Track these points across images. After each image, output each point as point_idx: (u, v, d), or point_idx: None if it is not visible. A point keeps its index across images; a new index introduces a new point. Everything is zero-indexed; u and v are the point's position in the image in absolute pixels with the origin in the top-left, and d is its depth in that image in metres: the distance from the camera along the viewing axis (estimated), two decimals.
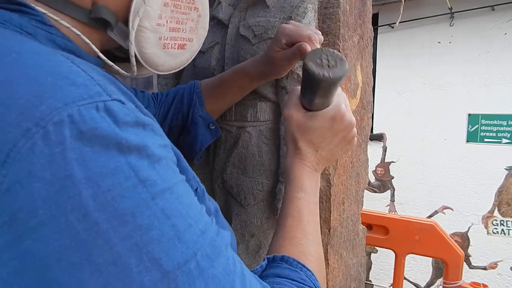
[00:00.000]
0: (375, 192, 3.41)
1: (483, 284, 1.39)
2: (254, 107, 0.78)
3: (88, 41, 0.39)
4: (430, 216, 3.15)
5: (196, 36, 0.50)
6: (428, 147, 3.16)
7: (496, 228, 2.94)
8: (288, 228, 0.50)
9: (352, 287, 0.91)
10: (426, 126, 3.16)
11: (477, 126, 2.99)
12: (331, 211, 0.77)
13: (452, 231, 3.05)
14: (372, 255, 3.33)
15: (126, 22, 0.42)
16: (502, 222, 2.91)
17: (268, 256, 0.45)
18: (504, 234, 2.91)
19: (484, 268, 2.98)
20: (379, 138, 3.36)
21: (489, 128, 2.95)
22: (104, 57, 0.42)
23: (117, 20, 0.42)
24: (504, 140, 2.91)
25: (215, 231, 0.33)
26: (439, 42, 3.10)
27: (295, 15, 0.72)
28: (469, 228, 3.03)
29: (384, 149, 3.36)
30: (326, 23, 0.76)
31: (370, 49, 0.91)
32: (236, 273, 0.33)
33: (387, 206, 3.37)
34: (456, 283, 1.36)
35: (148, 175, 0.29)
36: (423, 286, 3.18)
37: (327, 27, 0.75)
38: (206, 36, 0.53)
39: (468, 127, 3.02)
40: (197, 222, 0.31)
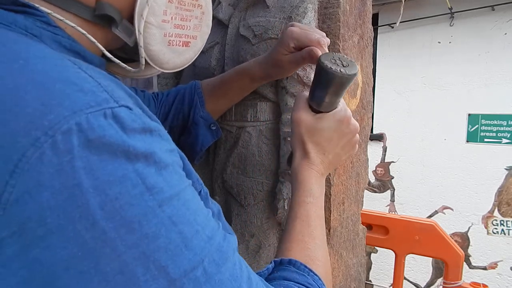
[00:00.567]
0: (375, 192, 3.41)
1: (483, 284, 1.39)
2: (254, 107, 0.78)
3: (93, 39, 0.39)
4: (430, 216, 3.14)
5: (199, 34, 0.50)
6: (428, 147, 3.16)
7: (496, 228, 2.94)
8: (296, 232, 0.50)
9: (352, 287, 0.91)
10: (426, 126, 3.16)
11: (477, 126, 2.99)
12: (331, 211, 0.77)
13: (452, 231, 3.05)
14: (372, 255, 3.33)
15: (130, 19, 0.42)
16: (502, 222, 2.91)
17: (276, 259, 0.45)
18: (504, 234, 2.91)
19: (484, 268, 2.98)
20: (379, 138, 3.36)
21: (489, 128, 2.95)
22: (109, 54, 0.42)
23: (121, 17, 0.42)
24: (504, 140, 2.91)
25: (222, 236, 0.33)
26: (439, 42, 3.10)
27: (295, 15, 0.72)
28: (469, 228, 3.03)
29: (384, 149, 3.36)
30: (326, 23, 0.76)
31: (370, 49, 0.91)
32: (243, 278, 0.33)
33: (387, 206, 3.37)
34: (456, 283, 1.36)
35: (155, 182, 0.28)
36: (423, 286, 3.18)
37: (327, 27, 0.75)
38: None
39: (468, 127, 3.02)
40: (204, 228, 0.31)
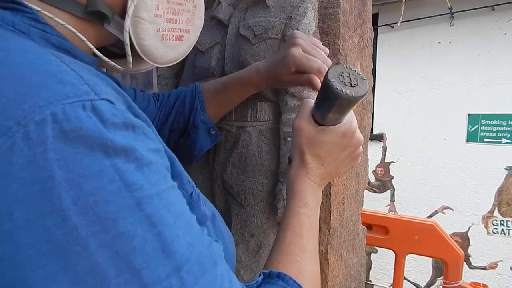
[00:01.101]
0: (375, 192, 3.41)
1: (483, 284, 1.39)
2: (254, 107, 0.78)
3: (83, 38, 0.38)
4: (430, 216, 3.15)
5: (192, 27, 0.50)
6: (428, 147, 3.16)
7: (496, 228, 2.94)
8: (287, 244, 0.48)
9: (352, 287, 0.91)
10: (426, 126, 3.16)
11: (477, 126, 2.99)
12: (331, 211, 0.77)
13: (452, 231, 3.05)
14: (372, 255, 3.33)
15: (122, 15, 0.42)
16: (502, 222, 2.91)
17: (264, 271, 0.44)
18: (504, 234, 2.91)
19: (484, 268, 2.98)
20: (379, 138, 3.36)
21: (489, 128, 2.95)
22: (99, 52, 0.42)
23: (113, 13, 0.42)
24: (504, 140, 2.91)
25: (205, 244, 0.32)
26: (439, 42, 3.10)
27: (295, 15, 0.72)
28: (469, 228, 3.03)
29: (384, 149, 3.36)
30: (326, 23, 0.76)
31: (370, 49, 0.91)
32: None
33: (387, 206, 3.38)
34: (456, 283, 1.36)
35: (134, 179, 0.27)
36: (423, 286, 3.18)
37: (327, 27, 0.75)
38: (206, 36, 0.53)
39: (468, 127, 3.02)
40: (185, 233, 0.29)
